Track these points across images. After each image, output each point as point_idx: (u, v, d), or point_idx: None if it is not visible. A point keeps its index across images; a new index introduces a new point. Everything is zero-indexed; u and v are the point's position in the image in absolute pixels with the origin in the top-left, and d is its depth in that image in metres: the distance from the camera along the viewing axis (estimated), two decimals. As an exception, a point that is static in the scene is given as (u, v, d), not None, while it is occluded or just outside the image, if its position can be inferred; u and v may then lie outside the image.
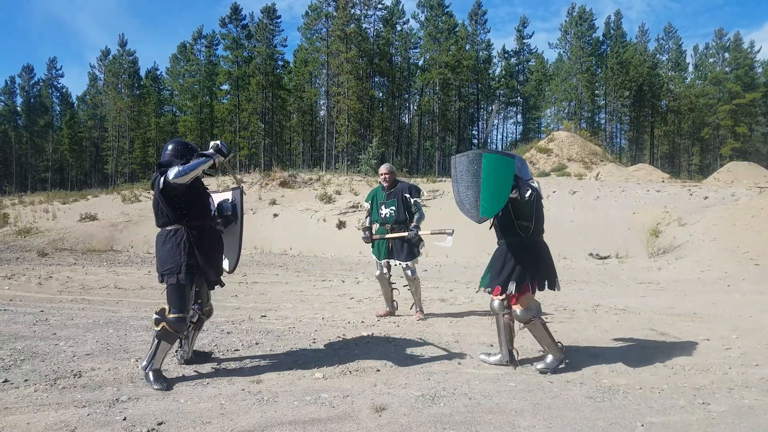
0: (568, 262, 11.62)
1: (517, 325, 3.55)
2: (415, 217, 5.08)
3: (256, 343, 4.08)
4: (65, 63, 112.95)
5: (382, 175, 5.25)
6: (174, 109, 51.18)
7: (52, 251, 12.94)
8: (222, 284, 3.33)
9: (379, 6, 43.42)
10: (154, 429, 2.45)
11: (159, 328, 3.04)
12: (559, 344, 3.52)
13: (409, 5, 62.08)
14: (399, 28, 45.98)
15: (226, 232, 3.47)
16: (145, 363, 3.04)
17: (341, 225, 15.63)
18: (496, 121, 51.61)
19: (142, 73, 52.06)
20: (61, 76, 56.95)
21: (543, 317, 3.61)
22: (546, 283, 3.54)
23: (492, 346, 4.10)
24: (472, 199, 3.28)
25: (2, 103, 54.00)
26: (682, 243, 11.79)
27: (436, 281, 8.55)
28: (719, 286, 8.10)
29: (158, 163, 3.14)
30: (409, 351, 3.95)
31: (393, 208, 5.10)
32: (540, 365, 3.45)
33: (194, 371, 3.34)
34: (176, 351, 3.44)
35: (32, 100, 53.78)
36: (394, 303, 5.31)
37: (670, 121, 48.39)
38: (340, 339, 4.29)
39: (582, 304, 6.10)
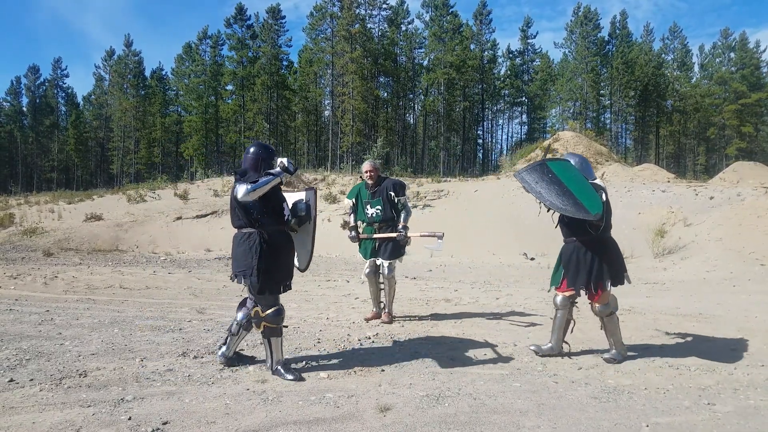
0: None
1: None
2: (402, 216, 4.91)
3: (261, 343, 4.08)
4: (70, 63, 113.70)
5: (366, 172, 5.03)
6: (179, 110, 51.38)
7: (57, 251, 13.03)
8: (289, 288, 3.39)
9: (384, 6, 43.43)
10: (159, 428, 2.46)
11: (262, 329, 3.20)
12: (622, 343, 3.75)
13: (413, 5, 62.08)
14: (404, 28, 45.96)
15: (300, 231, 3.53)
16: (269, 363, 3.25)
17: (346, 225, 15.64)
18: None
19: (148, 73, 52.38)
20: (67, 76, 57.30)
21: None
22: (619, 278, 3.68)
23: (497, 346, 4.09)
24: (573, 203, 3.41)
25: (8, 104, 54.39)
26: (687, 243, 11.71)
27: (441, 281, 8.54)
28: (725, 286, 8.05)
29: (236, 171, 3.23)
30: (413, 351, 3.94)
31: (379, 207, 4.95)
32: (607, 355, 3.70)
33: (201, 374, 3.36)
34: (219, 347, 3.50)
35: (38, 101, 54.14)
36: (381, 304, 5.13)
37: (675, 121, 48.09)
38: (345, 339, 4.29)
39: (587, 305, 6.06)
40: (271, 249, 3.18)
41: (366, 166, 5.10)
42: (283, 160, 3.24)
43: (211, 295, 6.65)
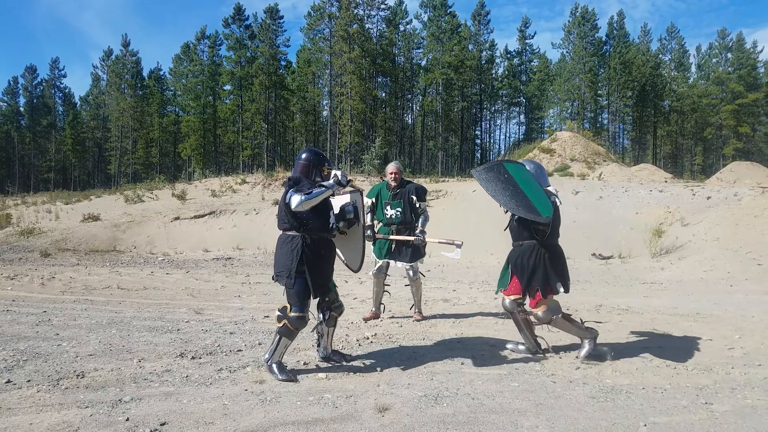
0: (571, 262, 11.49)
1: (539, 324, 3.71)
2: (421, 220, 4.96)
3: (259, 344, 4.08)
4: (68, 63, 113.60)
5: (390, 173, 5.05)
6: (177, 110, 51.28)
7: (54, 252, 12.99)
8: (326, 297, 3.46)
9: (382, 6, 43.40)
10: (156, 429, 2.45)
11: (281, 325, 3.23)
12: (585, 324, 3.74)
13: (412, 5, 62.30)
14: (402, 28, 45.95)
15: (349, 233, 3.63)
16: (267, 356, 3.28)
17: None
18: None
19: (145, 73, 52.25)
20: (64, 76, 57.21)
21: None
22: (565, 285, 3.68)
23: (495, 346, 4.10)
24: (526, 204, 3.46)
25: (5, 104, 54.19)
26: (684, 243, 11.75)
27: (439, 281, 8.55)
28: (722, 286, 8.08)
29: (289, 178, 3.30)
30: (412, 351, 3.94)
31: (399, 209, 4.96)
32: (582, 353, 3.64)
33: (199, 375, 3.35)
34: (317, 347, 3.65)
35: (35, 101, 53.95)
36: (381, 306, 5.16)
37: (672, 121, 48.24)
38: (343, 339, 4.29)
39: (585, 305, 6.08)
40: (312, 254, 3.26)
41: (392, 167, 5.13)
42: (337, 173, 3.30)
43: (209, 296, 6.64)
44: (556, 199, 3.68)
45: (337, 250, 3.60)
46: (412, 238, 4.86)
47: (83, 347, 3.86)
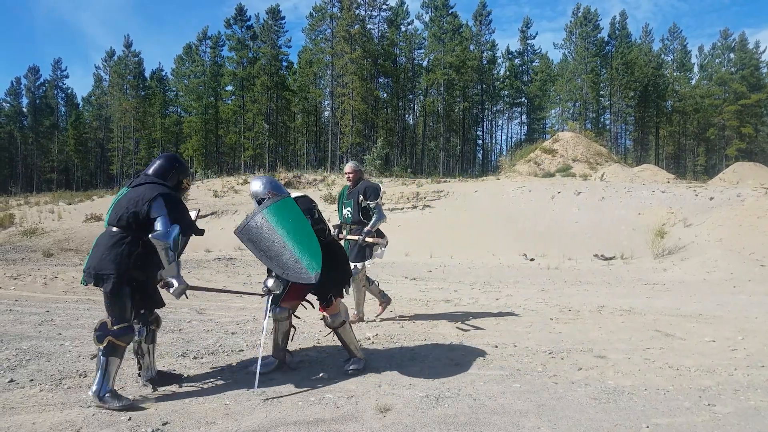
0: (573, 263, 11.57)
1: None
2: (372, 220, 4.85)
3: (261, 344, 4.08)
4: (70, 64, 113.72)
5: (346, 174, 5.14)
6: (179, 110, 51.39)
7: (57, 251, 13.02)
8: (158, 306, 3.14)
9: (384, 7, 43.42)
10: (158, 429, 2.46)
11: (104, 345, 2.72)
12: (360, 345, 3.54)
13: (413, 6, 62.49)
14: (403, 28, 45.97)
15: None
16: (95, 387, 2.69)
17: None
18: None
19: (147, 74, 52.37)
20: (66, 77, 57.29)
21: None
22: (347, 286, 3.51)
23: (497, 347, 4.09)
24: (291, 263, 2.99)
25: (8, 104, 54.38)
26: (687, 244, 11.72)
27: (441, 282, 8.54)
28: (725, 287, 8.05)
29: (166, 186, 2.96)
30: (413, 352, 3.94)
31: (350, 209, 4.98)
32: (351, 366, 3.37)
33: (200, 375, 3.35)
34: (138, 371, 3.12)
35: (38, 101, 54.13)
36: (384, 306, 5.14)
37: (675, 122, 48.10)
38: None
39: (587, 306, 6.07)
40: (145, 261, 2.86)
41: (347, 167, 5.17)
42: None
43: (211, 296, 6.64)
44: (316, 212, 3.32)
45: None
46: (356, 237, 4.80)
47: (86, 347, 3.87)
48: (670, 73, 48.90)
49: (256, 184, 3.36)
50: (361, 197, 4.91)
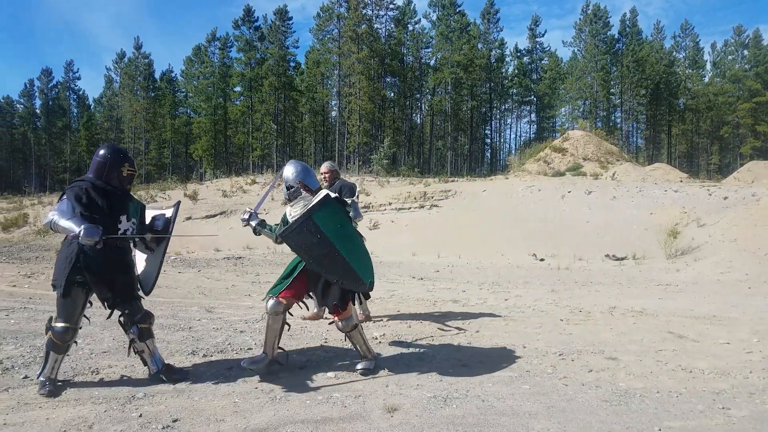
0: (584, 263, 11.45)
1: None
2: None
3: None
4: (82, 65, 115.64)
5: (322, 174, 5.09)
6: (188, 111, 51.86)
7: (70, 250, 13.20)
8: (127, 306, 3.12)
9: (391, 6, 43.39)
10: (169, 426, 2.48)
11: (47, 337, 2.90)
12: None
13: (420, 5, 62.18)
14: (411, 27, 45.88)
15: (156, 248, 3.36)
16: (39, 371, 2.94)
17: (353, 225, 15.63)
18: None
19: (157, 75, 52.91)
20: (78, 78, 58.22)
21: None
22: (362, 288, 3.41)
23: (506, 348, 4.06)
24: (344, 269, 3.03)
25: (22, 106, 55.36)
26: (700, 244, 11.54)
27: (449, 282, 8.51)
28: (739, 288, 7.92)
29: (81, 178, 3.04)
30: (420, 352, 3.93)
31: None
32: (360, 366, 3.35)
33: (210, 373, 3.37)
34: (148, 368, 3.16)
35: (50, 103, 54.96)
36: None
37: (688, 120, 47.42)
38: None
39: (598, 306, 6.00)
40: (93, 262, 2.88)
41: (323, 167, 5.12)
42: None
43: (221, 295, 6.69)
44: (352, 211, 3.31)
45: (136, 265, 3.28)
46: None
47: (98, 344, 3.92)
48: (683, 70, 48.21)
49: (289, 170, 3.39)
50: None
